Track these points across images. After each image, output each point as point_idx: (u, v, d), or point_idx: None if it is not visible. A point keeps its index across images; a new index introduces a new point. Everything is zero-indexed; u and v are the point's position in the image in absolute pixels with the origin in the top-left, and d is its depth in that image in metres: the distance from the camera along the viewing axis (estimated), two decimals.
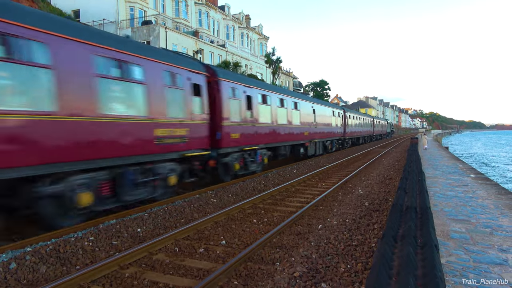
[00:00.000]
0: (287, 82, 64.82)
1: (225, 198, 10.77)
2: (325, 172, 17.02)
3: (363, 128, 43.19)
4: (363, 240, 6.81)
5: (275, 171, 16.08)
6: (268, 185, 12.97)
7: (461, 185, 11.31)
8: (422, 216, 5.76)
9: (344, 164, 20.84)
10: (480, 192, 10.13)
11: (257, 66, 51.43)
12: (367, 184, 13.42)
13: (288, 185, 12.68)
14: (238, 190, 11.73)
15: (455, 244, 5.63)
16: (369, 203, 10.06)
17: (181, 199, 10.45)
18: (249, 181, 13.20)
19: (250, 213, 9.22)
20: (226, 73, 13.16)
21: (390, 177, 15.37)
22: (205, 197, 10.47)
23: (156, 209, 8.89)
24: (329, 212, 9.20)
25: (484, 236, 6.09)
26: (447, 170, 15.15)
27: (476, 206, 8.28)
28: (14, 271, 5.37)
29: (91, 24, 31.83)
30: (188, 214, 8.91)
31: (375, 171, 17.32)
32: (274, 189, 11.68)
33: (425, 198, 7.08)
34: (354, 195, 11.21)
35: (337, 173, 16.77)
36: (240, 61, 42.15)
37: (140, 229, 7.58)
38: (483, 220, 7.08)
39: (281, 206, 10.01)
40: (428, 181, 11.63)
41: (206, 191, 11.65)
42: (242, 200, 10.38)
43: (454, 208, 8.06)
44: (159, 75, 9.23)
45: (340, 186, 12.92)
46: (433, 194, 9.66)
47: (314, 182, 14.13)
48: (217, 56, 41.28)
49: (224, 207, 9.65)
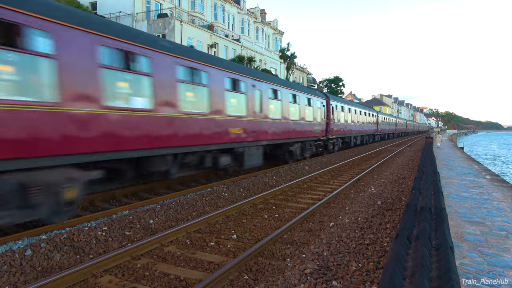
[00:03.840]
0: (301, 78, 64.44)
1: (236, 192, 10.78)
2: (338, 169, 16.90)
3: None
4: (375, 239, 6.74)
5: (287, 167, 16.02)
6: (279, 181, 12.94)
7: (476, 186, 11.09)
8: (437, 217, 5.67)
9: (357, 162, 20.65)
10: (495, 194, 9.91)
11: (271, 61, 51.23)
12: (380, 182, 13.27)
13: (299, 182, 12.63)
14: (249, 185, 11.73)
15: (469, 247, 5.53)
16: (381, 202, 9.95)
17: (193, 192, 10.50)
18: (261, 176, 13.19)
19: (261, 208, 9.21)
20: (334, 97, 25.32)
21: (403, 176, 15.17)
22: (217, 191, 10.50)
23: (168, 201, 8.95)
24: (341, 210, 9.14)
25: (499, 239, 5.96)
26: (462, 171, 14.88)
27: (492, 209, 8.11)
28: (30, 258, 5.48)
29: (108, 16, 32.10)
30: (200, 207, 8.95)
31: (388, 170, 17.13)
32: (285, 185, 11.64)
33: (440, 199, 6.96)
34: (367, 194, 11.10)
35: (349, 171, 16.63)
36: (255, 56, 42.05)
37: (153, 221, 7.64)
38: (499, 223, 6.93)
39: (292, 202, 9.98)
40: (443, 182, 11.44)
41: (218, 184, 11.69)
42: (253, 195, 10.38)
43: (468, 210, 7.91)
44: (317, 103, 20.43)
45: (352, 184, 12.81)
46: (447, 195, 9.50)
47: (326, 179, 14.04)
48: (232, 50, 41.25)
49: (235, 202, 9.66)
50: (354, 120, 29.88)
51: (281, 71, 52.93)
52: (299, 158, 18.33)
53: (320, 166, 17.34)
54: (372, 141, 40.60)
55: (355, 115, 30.33)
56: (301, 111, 17.81)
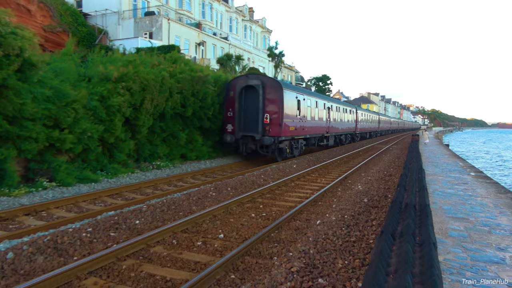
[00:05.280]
0: (289, 76, 64.57)
1: (223, 191, 10.75)
2: (325, 167, 17.00)
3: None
4: (361, 237, 6.80)
5: (275, 166, 16.06)
6: (267, 180, 12.95)
7: (460, 183, 11.27)
8: (421, 214, 5.74)
9: (345, 159, 20.81)
10: (479, 190, 10.09)
11: (259, 59, 51.19)
12: (367, 180, 13.40)
13: (287, 180, 12.67)
14: (237, 184, 11.72)
15: (453, 242, 5.62)
16: (368, 199, 10.05)
17: (180, 192, 10.45)
18: (249, 175, 13.20)
19: (248, 207, 9.21)
20: (360, 108, 39.98)
21: (390, 173, 15.34)
22: (204, 191, 10.46)
23: (155, 201, 8.89)
24: (328, 208, 9.19)
25: (482, 234, 6.07)
26: (447, 168, 15.10)
27: (475, 205, 8.25)
28: (11, 261, 5.38)
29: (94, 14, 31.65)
30: (187, 207, 8.91)
31: (375, 167, 17.30)
32: (273, 184, 11.66)
33: (424, 195, 7.06)
34: (354, 191, 11.19)
35: (337, 169, 16.74)
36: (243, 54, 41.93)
37: (139, 221, 7.58)
38: (482, 219, 7.06)
39: (280, 201, 10.00)
40: (428, 179, 11.60)
41: (205, 184, 11.66)
42: (241, 194, 10.37)
43: (453, 206, 8.03)
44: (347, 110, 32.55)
45: (339, 182, 12.90)
46: (432, 191, 9.63)
47: (313, 177, 14.11)
48: (220, 48, 41.07)
49: (222, 201, 9.64)
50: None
51: (269, 69, 52.95)
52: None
53: (308, 165, 17.41)
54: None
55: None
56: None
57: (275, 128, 17.21)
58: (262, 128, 17.21)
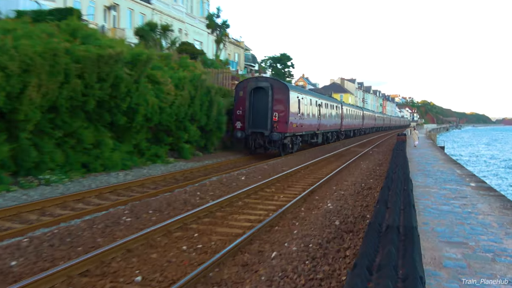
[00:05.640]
0: (235, 54, 64.97)
1: (143, 215, 10.58)
2: (285, 179, 17.25)
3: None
4: (331, 272, 6.94)
5: (216, 178, 16.02)
6: (205, 198, 12.90)
7: (458, 196, 11.92)
8: (406, 238, 5.96)
9: (311, 168, 21.23)
10: (481, 206, 10.72)
11: (195, 31, 51.00)
12: (339, 195, 13.77)
13: (233, 197, 12.70)
14: (162, 205, 11.56)
15: (449, 275, 5.88)
16: (340, 221, 10.31)
17: (79, 217, 10.14)
18: (179, 192, 13.05)
19: (178, 237, 9.13)
20: (345, 104, 53.08)
21: (369, 186, 15.88)
22: (115, 215, 10.25)
23: (41, 233, 8.56)
24: (287, 235, 9.31)
25: (484, 263, 6.41)
26: (441, 178, 15.92)
27: (476, 224, 8.73)
28: None
29: None
30: (89, 239, 8.67)
31: (350, 178, 17.83)
32: (213, 203, 11.66)
33: (411, 214, 7.34)
34: (322, 211, 11.44)
35: (300, 181, 17.06)
36: (172, 24, 41.47)
37: (16, 262, 7.24)
38: (484, 243, 7.47)
39: (222, 227, 10.00)
40: (417, 192, 12.14)
41: (117, 205, 11.38)
42: (167, 219, 10.21)
43: (448, 227, 8.44)
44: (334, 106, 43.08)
45: (303, 199, 13.14)
46: (423, 208, 10.09)
47: (269, 193, 14.26)
48: (139, 15, 40.41)
49: (142, 229, 9.46)
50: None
51: (208, 44, 52.94)
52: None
53: (261, 176, 17.57)
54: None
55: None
56: None
57: (282, 125, 25.86)
58: (270, 125, 25.68)
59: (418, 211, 9.38)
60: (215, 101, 25.80)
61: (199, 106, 23.98)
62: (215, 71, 34.07)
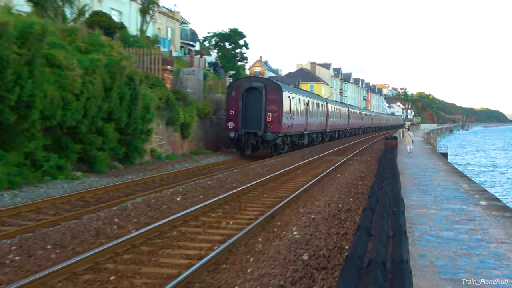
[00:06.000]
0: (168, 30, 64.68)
1: (38, 253, 10.40)
2: (236, 199, 17.31)
3: None
4: None
5: (141, 199, 15.93)
6: (126, 226, 12.82)
7: (464, 219, 12.15)
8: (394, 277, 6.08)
9: (271, 184, 21.37)
10: (494, 231, 10.96)
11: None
12: (309, 220, 13.92)
13: (164, 225, 12.65)
14: (65, 238, 11.42)
15: None
16: (310, 255, 10.37)
17: None
18: (90, 218, 12.89)
19: (88, 281, 9.01)
20: (330, 101, 69.50)
21: (348, 207, 16.09)
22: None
23: None
24: (238, 275, 9.31)
25: None
26: (443, 194, 16.22)
27: (487, 256, 8.90)
28: None
29: None
30: None
31: (323, 197, 18.04)
32: (137, 233, 11.61)
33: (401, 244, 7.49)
34: (285, 242, 11.53)
35: (256, 202, 17.19)
36: None
37: None
38: (498, 280, 7.61)
39: (149, 266, 9.95)
40: (412, 214, 12.35)
41: (0, 239, 11.17)
42: (73, 256, 10.10)
43: (452, 261, 8.56)
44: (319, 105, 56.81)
45: (260, 225, 13.22)
46: (418, 236, 10.26)
47: (214, 218, 14.30)
48: None
49: (36, 271, 9.29)
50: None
51: (131, 15, 52.51)
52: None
53: (204, 196, 17.57)
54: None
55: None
56: None
57: (275, 125, 34.91)
58: (264, 125, 34.53)
59: (412, 240, 9.52)
60: (140, 93, 25.49)
61: (117, 99, 23.69)
62: (140, 51, 33.82)
